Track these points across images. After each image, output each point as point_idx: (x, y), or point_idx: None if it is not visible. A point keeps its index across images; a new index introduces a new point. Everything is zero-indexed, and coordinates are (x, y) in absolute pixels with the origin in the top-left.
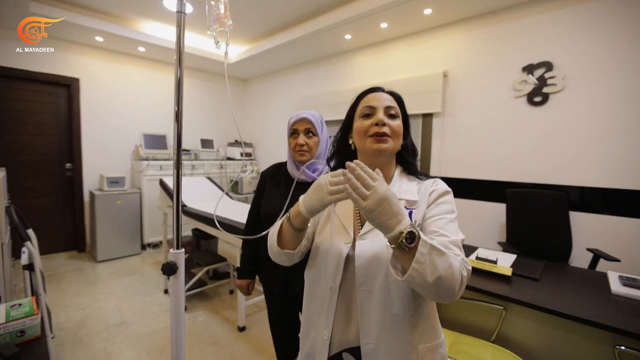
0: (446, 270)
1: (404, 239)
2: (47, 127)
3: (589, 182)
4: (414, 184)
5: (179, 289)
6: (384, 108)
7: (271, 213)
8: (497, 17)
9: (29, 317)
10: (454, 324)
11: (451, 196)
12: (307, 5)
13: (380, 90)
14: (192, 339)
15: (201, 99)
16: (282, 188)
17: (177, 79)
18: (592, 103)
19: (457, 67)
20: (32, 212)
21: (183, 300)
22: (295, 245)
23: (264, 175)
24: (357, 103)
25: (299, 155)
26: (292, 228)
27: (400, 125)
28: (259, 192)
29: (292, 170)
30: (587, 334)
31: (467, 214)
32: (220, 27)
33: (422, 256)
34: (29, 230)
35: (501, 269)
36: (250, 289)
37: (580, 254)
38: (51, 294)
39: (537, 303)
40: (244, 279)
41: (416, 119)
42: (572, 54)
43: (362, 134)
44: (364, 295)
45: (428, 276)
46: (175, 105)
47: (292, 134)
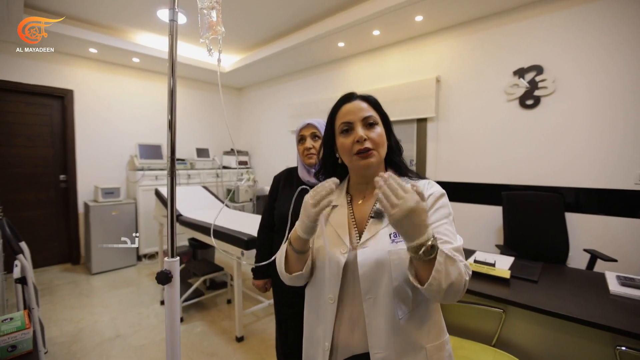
0: (457, 277)
1: (425, 251)
2: (40, 139)
3: (583, 183)
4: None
5: (174, 298)
6: (361, 121)
7: (285, 214)
8: (487, 22)
9: (21, 332)
10: (455, 329)
11: (446, 198)
12: (300, 14)
13: (353, 99)
14: (190, 351)
15: (196, 108)
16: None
17: (170, 88)
18: (583, 104)
19: (449, 72)
20: (26, 225)
21: (179, 310)
22: (301, 266)
23: (277, 179)
24: (333, 117)
25: (308, 159)
26: (294, 251)
27: (381, 134)
28: (272, 195)
29: (303, 174)
30: (587, 335)
31: (464, 217)
32: (213, 35)
33: (440, 265)
34: (22, 243)
35: (499, 272)
36: (267, 287)
37: (577, 255)
38: (45, 307)
39: (536, 305)
40: (260, 279)
41: (411, 124)
42: (562, 57)
43: (347, 152)
44: (370, 304)
45: (443, 283)
46: (169, 114)
47: (300, 141)
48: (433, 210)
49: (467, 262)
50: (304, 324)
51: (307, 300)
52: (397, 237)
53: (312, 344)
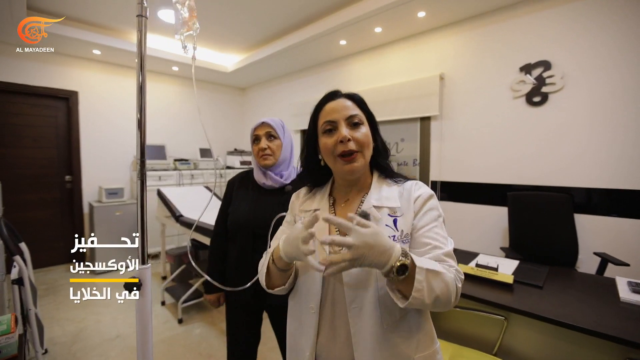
0: (442, 289)
1: (395, 272)
2: (46, 140)
3: (593, 182)
4: (394, 189)
5: (144, 309)
6: (345, 120)
7: (238, 221)
8: (492, 17)
9: (5, 336)
10: (453, 335)
11: (435, 199)
12: (301, 12)
13: (337, 97)
14: (188, 353)
15: (200, 108)
16: (249, 195)
17: (139, 85)
18: (593, 101)
19: (453, 69)
20: (32, 225)
21: (150, 321)
22: (284, 281)
23: (231, 182)
24: (316, 116)
25: (263, 160)
26: (277, 269)
27: (366, 134)
28: (226, 201)
29: (259, 177)
30: (595, 345)
31: (467, 218)
32: (188, 31)
33: (420, 283)
34: (22, 244)
35: (502, 277)
36: (221, 301)
37: (587, 258)
38: (48, 307)
39: (540, 313)
40: (213, 293)
41: (414, 123)
42: (570, 52)
43: (330, 154)
44: (355, 312)
45: (426, 299)
46: (138, 112)
47: (255, 141)
48: (422, 214)
49: (458, 267)
50: (287, 334)
51: (289, 309)
52: None
53: (295, 354)
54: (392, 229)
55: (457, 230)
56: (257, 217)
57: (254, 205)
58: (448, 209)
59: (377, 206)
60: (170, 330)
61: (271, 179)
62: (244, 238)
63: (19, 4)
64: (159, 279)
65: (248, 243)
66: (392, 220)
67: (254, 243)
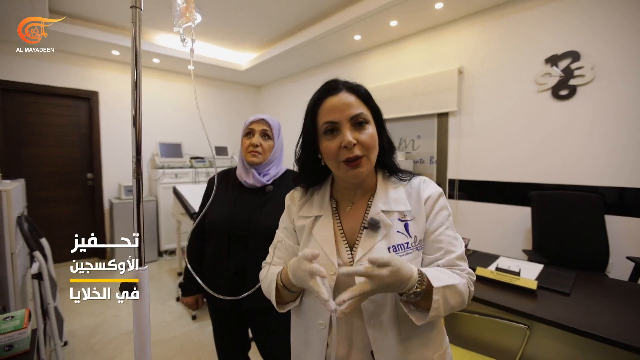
0: (457, 300)
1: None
2: (68, 139)
3: (626, 181)
4: (401, 190)
5: (142, 313)
6: (349, 120)
7: (215, 222)
8: (514, 6)
9: (18, 331)
10: (471, 342)
11: (444, 197)
12: (314, 7)
13: (338, 91)
14: (198, 350)
15: (215, 106)
16: (228, 194)
17: (134, 80)
18: (626, 93)
19: (472, 62)
20: (55, 221)
21: (148, 328)
22: (295, 297)
23: (211, 181)
24: (315, 113)
25: (251, 156)
26: (288, 291)
27: (372, 135)
28: (205, 200)
29: (241, 174)
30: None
31: (487, 219)
32: (187, 23)
33: (437, 302)
34: (42, 240)
35: (525, 282)
36: (199, 303)
37: (619, 262)
38: (70, 300)
39: (566, 322)
40: (190, 295)
41: (431, 119)
42: (602, 41)
43: (333, 158)
44: (376, 328)
45: (442, 313)
46: (133, 109)
47: (247, 134)
48: (433, 215)
49: (470, 270)
50: (291, 349)
51: (293, 324)
52: (399, 250)
53: None
54: (404, 235)
55: (477, 231)
56: (235, 217)
57: (233, 205)
58: (467, 209)
59: (385, 211)
60: (184, 326)
61: (254, 178)
62: (219, 239)
63: (41, 7)
64: (174, 275)
65: (223, 244)
66: (404, 225)
67: (229, 245)
